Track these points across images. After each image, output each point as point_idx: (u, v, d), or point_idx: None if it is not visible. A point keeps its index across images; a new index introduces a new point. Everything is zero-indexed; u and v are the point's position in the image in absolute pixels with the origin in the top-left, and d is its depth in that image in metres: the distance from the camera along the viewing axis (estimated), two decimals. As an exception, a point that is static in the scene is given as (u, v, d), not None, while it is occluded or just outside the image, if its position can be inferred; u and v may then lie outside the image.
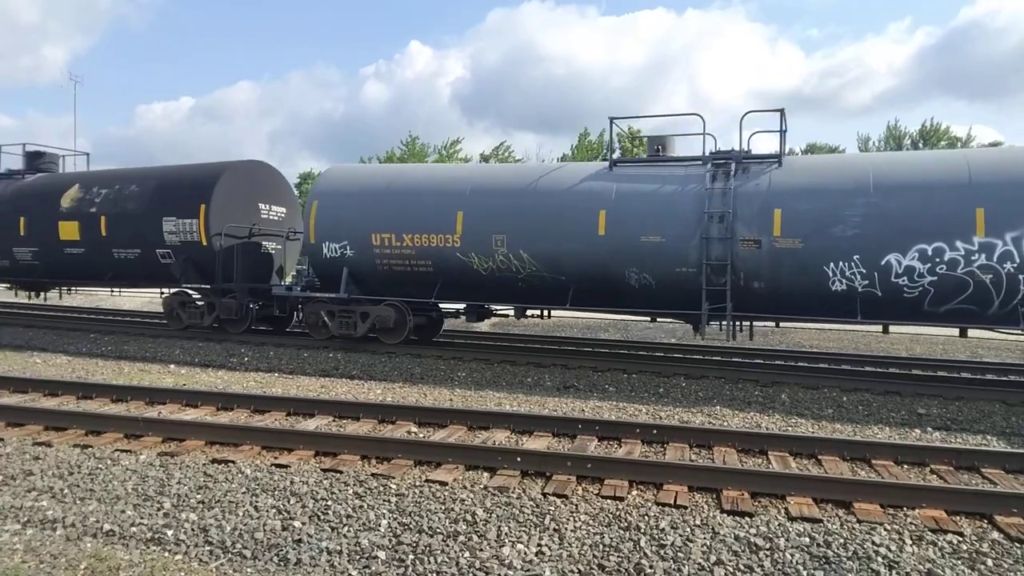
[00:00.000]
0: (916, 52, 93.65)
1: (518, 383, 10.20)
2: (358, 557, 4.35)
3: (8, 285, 17.63)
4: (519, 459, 5.87)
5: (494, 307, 13.06)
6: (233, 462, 5.95)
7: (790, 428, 7.82)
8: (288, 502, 5.09)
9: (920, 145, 38.26)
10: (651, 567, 4.17)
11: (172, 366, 11.35)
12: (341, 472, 5.72)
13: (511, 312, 12.66)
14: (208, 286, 13.78)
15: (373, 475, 5.67)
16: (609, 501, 5.19)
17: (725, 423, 7.96)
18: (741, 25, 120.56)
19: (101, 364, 11.37)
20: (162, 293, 15.16)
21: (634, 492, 5.40)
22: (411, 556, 4.33)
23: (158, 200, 13.94)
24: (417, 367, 11.07)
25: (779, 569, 4.16)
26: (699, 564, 4.20)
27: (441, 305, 13.14)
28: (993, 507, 5.02)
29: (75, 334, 14.02)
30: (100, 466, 5.83)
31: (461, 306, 12.98)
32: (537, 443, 6.76)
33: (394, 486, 5.40)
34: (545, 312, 13.15)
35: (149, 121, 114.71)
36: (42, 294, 18.19)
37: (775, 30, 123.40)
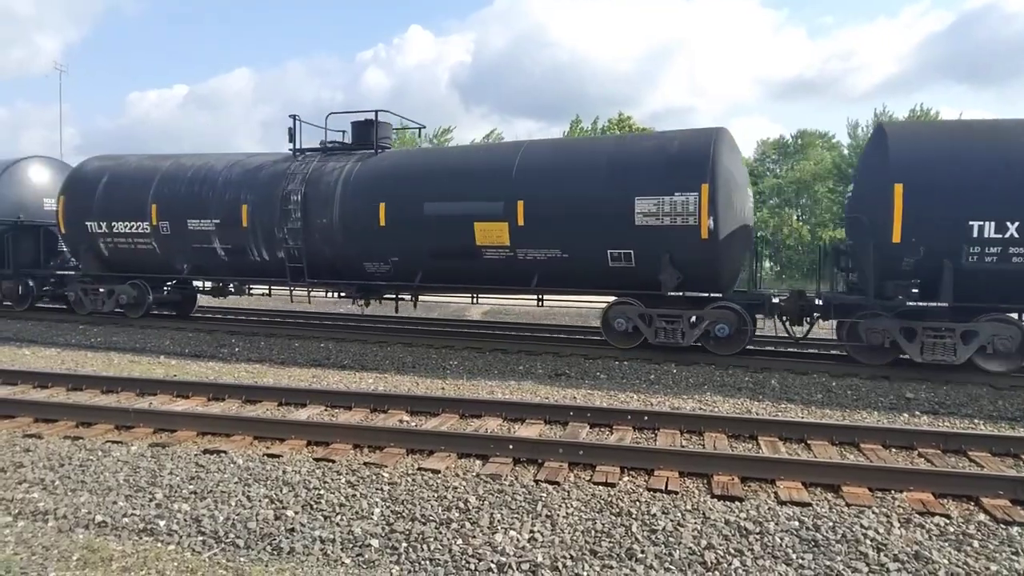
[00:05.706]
0: (924, 37, 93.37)
1: (510, 371, 10.22)
2: (351, 545, 4.36)
3: None
4: (511, 446, 5.90)
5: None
6: (225, 452, 5.95)
7: (780, 413, 7.88)
8: (281, 491, 5.09)
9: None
10: (642, 552, 4.21)
11: (162, 357, 11.30)
12: (334, 461, 5.73)
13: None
14: None
15: (366, 464, 5.68)
16: (601, 487, 5.22)
17: (716, 409, 8.01)
18: (754, 12, 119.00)
19: (91, 356, 11.30)
20: None
21: (625, 478, 5.44)
22: (404, 544, 4.35)
23: None
24: (409, 356, 11.08)
25: (769, 553, 4.20)
26: (690, 548, 4.24)
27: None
28: (979, 489, 5.09)
29: (64, 326, 13.96)
30: (91, 457, 5.82)
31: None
32: (529, 430, 6.79)
33: (387, 475, 5.42)
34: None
35: (142, 110, 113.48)
36: None
37: (785, 15, 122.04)
